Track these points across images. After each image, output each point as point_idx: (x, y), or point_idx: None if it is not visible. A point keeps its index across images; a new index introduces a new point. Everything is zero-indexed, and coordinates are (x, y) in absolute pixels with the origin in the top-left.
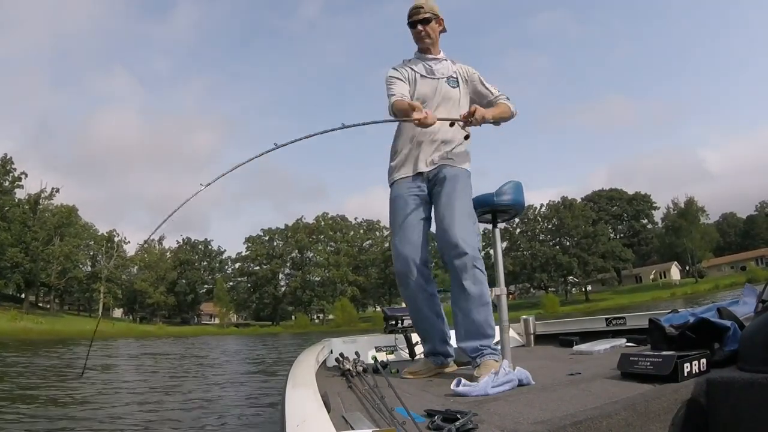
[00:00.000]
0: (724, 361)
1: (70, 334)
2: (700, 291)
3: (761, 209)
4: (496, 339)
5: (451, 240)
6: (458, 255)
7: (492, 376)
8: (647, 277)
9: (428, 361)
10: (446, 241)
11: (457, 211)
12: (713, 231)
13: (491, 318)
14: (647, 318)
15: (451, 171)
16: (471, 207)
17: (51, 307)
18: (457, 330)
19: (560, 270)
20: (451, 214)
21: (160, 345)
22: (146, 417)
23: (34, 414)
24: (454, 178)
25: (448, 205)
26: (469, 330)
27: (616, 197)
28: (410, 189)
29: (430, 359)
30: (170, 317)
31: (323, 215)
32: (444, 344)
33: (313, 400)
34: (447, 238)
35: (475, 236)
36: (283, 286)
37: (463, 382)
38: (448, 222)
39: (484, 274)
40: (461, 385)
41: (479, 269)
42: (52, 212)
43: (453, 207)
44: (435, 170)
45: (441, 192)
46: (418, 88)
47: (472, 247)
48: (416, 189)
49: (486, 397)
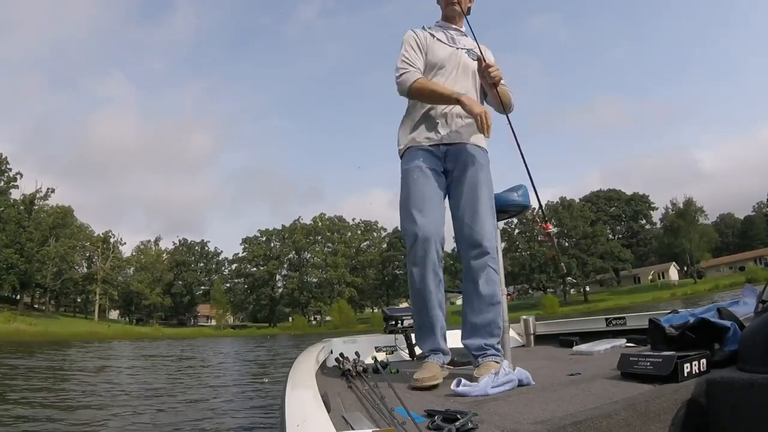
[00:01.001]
0: (724, 362)
1: (64, 336)
2: (700, 291)
3: (759, 210)
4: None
5: (475, 238)
6: (480, 254)
7: (492, 376)
8: (645, 278)
9: (433, 362)
10: (469, 238)
11: (482, 205)
12: (712, 231)
13: (500, 319)
14: (647, 318)
15: (473, 152)
16: (493, 201)
17: (46, 308)
18: (464, 326)
19: (559, 271)
20: (476, 208)
21: (156, 347)
22: (145, 419)
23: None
24: (479, 165)
25: (472, 198)
26: (476, 327)
27: (615, 198)
28: (429, 161)
29: (434, 358)
30: (167, 319)
31: (321, 216)
32: (444, 341)
33: (313, 400)
34: (471, 235)
35: (496, 234)
36: (280, 288)
37: (463, 382)
38: (471, 217)
39: (497, 274)
40: (461, 385)
41: (494, 269)
42: (48, 213)
43: (478, 201)
44: (455, 148)
45: (463, 179)
46: (436, 52)
47: (493, 248)
48: (434, 162)
49: (486, 397)
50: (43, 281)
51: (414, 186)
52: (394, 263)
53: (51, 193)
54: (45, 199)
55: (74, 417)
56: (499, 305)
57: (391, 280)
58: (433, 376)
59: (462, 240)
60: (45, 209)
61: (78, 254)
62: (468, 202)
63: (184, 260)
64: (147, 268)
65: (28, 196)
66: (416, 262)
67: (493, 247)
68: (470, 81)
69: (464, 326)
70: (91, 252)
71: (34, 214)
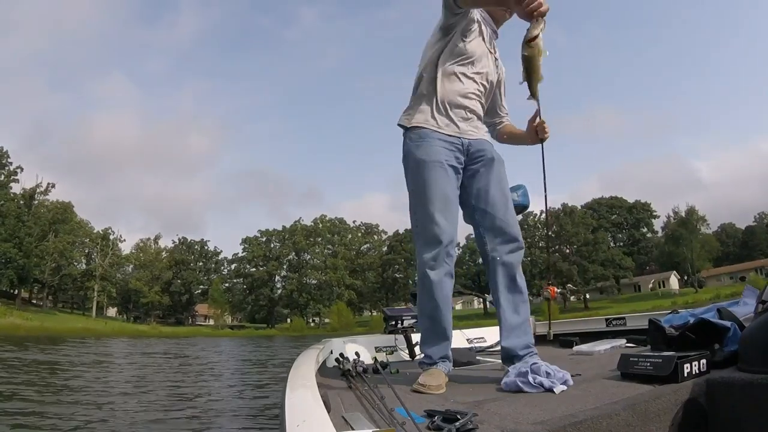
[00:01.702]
0: (724, 362)
1: (59, 331)
2: (701, 300)
3: (761, 220)
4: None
5: (511, 234)
6: (516, 249)
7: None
8: (646, 287)
9: (440, 369)
10: (503, 233)
11: (510, 201)
12: (713, 240)
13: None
14: (647, 319)
15: (494, 151)
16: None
17: (44, 304)
18: (504, 326)
19: (560, 277)
20: (507, 203)
21: (151, 345)
22: (144, 419)
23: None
24: (499, 161)
25: (502, 193)
26: (519, 325)
27: (616, 205)
28: (450, 154)
29: (442, 366)
30: (164, 317)
31: (321, 218)
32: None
33: (313, 400)
34: (505, 229)
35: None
36: (279, 289)
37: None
38: (504, 211)
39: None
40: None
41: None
42: (48, 208)
43: (507, 197)
44: (477, 142)
45: (490, 173)
46: (474, 43)
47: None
48: (455, 156)
49: (489, 396)
50: (42, 276)
51: (436, 184)
52: (394, 266)
53: (51, 188)
54: (45, 194)
55: (52, 412)
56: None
57: (391, 283)
58: (440, 385)
59: (493, 235)
60: (45, 204)
61: (77, 250)
62: (499, 197)
63: (184, 259)
64: (146, 266)
65: (28, 191)
66: (436, 266)
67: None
68: (487, 85)
69: (504, 325)
70: (90, 248)
71: (34, 209)
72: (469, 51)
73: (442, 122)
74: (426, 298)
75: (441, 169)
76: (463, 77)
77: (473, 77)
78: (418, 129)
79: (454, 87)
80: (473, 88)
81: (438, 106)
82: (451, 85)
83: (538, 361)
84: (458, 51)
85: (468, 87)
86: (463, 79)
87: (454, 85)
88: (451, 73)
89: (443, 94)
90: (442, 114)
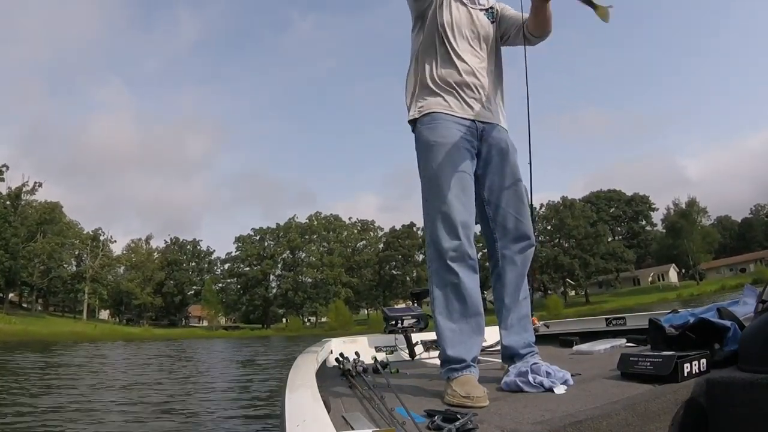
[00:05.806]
0: (724, 362)
1: (44, 336)
2: (706, 293)
3: (757, 212)
4: (496, 339)
5: (524, 230)
6: (527, 247)
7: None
8: (645, 280)
9: (474, 375)
10: (515, 230)
11: (524, 196)
12: (714, 232)
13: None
14: (647, 318)
15: (507, 137)
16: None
17: (33, 307)
18: (504, 323)
19: (561, 271)
20: (521, 198)
21: (143, 349)
22: (144, 419)
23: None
24: (513, 151)
25: (516, 187)
26: (520, 323)
27: (615, 198)
28: (465, 138)
29: (473, 371)
30: (157, 319)
31: (316, 215)
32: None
33: (313, 400)
34: (518, 226)
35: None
36: (274, 288)
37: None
38: (517, 208)
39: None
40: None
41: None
42: (35, 208)
43: (520, 191)
44: (490, 127)
45: (504, 165)
46: (452, 11)
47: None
48: (470, 141)
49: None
50: (30, 279)
51: (452, 166)
52: (391, 263)
53: (38, 187)
54: (32, 193)
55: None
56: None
57: (388, 280)
58: (484, 396)
59: (505, 231)
60: (32, 204)
61: (66, 252)
62: (513, 191)
63: (176, 259)
64: (138, 267)
65: (14, 190)
66: (463, 258)
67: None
68: (490, 48)
69: (505, 323)
70: (80, 250)
71: (21, 209)
72: (447, 24)
73: (454, 104)
74: (453, 294)
75: (456, 151)
76: (454, 55)
77: (467, 50)
78: (429, 114)
79: (452, 67)
80: (473, 63)
81: (443, 89)
82: (448, 65)
83: (539, 361)
84: (441, 31)
85: (468, 62)
86: (455, 58)
87: (451, 65)
88: (444, 53)
89: (441, 77)
90: (452, 95)
